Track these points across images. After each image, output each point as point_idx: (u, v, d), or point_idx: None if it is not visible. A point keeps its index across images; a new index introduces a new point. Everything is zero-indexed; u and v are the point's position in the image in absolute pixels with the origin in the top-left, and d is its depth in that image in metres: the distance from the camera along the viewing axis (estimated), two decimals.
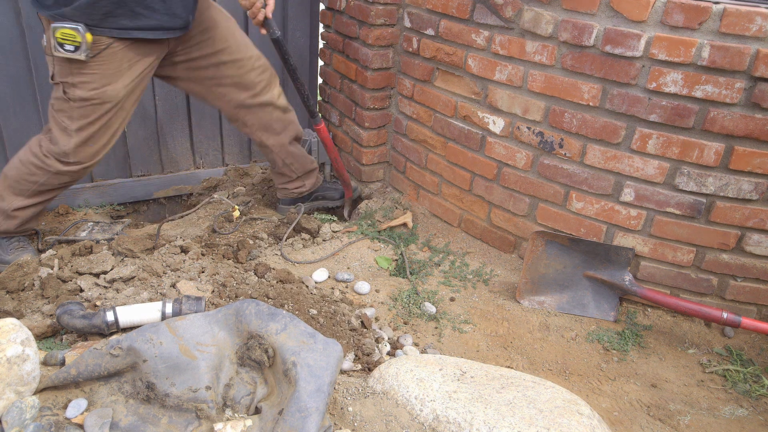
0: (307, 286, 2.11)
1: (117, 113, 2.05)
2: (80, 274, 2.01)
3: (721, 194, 1.95)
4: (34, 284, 1.98)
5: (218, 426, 1.25)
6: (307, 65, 3.17)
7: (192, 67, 2.22)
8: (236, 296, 1.94)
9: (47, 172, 2.08)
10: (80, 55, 1.85)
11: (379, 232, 2.63)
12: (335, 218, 2.75)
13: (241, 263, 2.26)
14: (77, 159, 2.06)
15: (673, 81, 1.87)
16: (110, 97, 1.98)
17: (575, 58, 2.03)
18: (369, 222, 2.70)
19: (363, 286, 2.20)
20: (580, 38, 1.99)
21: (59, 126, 2.01)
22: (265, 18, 2.12)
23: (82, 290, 1.93)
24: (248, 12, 2.11)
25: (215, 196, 2.75)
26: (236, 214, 2.57)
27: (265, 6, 2.08)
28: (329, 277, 2.28)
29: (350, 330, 1.90)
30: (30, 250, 2.22)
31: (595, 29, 1.96)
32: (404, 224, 2.67)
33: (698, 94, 1.86)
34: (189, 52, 2.18)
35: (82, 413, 1.28)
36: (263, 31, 2.15)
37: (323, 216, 2.73)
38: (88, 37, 1.84)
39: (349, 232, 2.60)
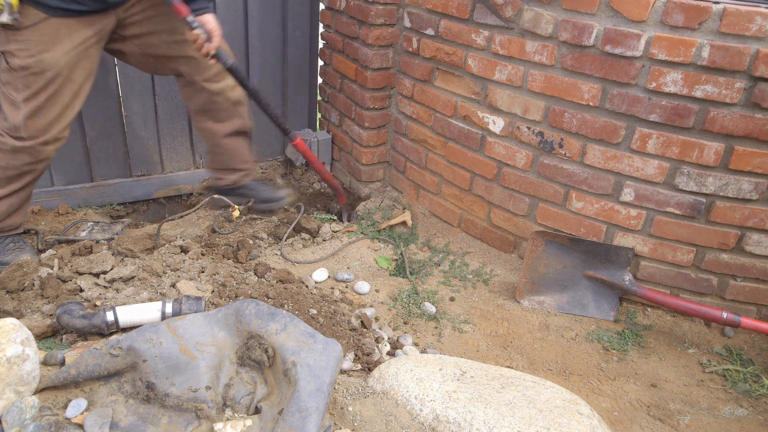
0: (306, 286, 2.11)
1: (64, 84, 2.00)
2: (80, 273, 2.01)
3: (721, 194, 1.95)
4: (33, 284, 1.98)
5: (218, 426, 1.25)
6: (306, 65, 3.17)
7: (144, 43, 2.17)
8: (236, 296, 1.94)
9: (4, 151, 2.04)
10: (7, 19, 1.81)
11: (378, 231, 2.63)
12: (335, 218, 2.75)
13: (241, 263, 2.26)
14: (29, 133, 2.02)
15: (673, 81, 1.87)
16: (48, 65, 1.93)
17: (575, 58, 2.03)
18: (369, 222, 2.70)
19: (363, 286, 2.20)
20: (580, 38, 1.99)
21: (8, 100, 1.99)
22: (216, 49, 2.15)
23: (81, 290, 1.93)
24: (194, 45, 2.11)
25: (215, 195, 2.75)
26: (236, 214, 2.56)
27: (209, 40, 2.08)
28: (329, 276, 2.28)
29: (350, 330, 1.90)
30: (28, 250, 2.22)
31: (595, 29, 1.96)
32: (404, 223, 2.67)
33: (698, 94, 1.86)
34: (140, 26, 2.12)
35: (81, 413, 1.28)
36: (212, 62, 2.16)
37: (323, 216, 2.73)
38: (13, 0, 1.80)
39: (349, 231, 2.60)
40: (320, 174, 2.67)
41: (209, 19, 2.09)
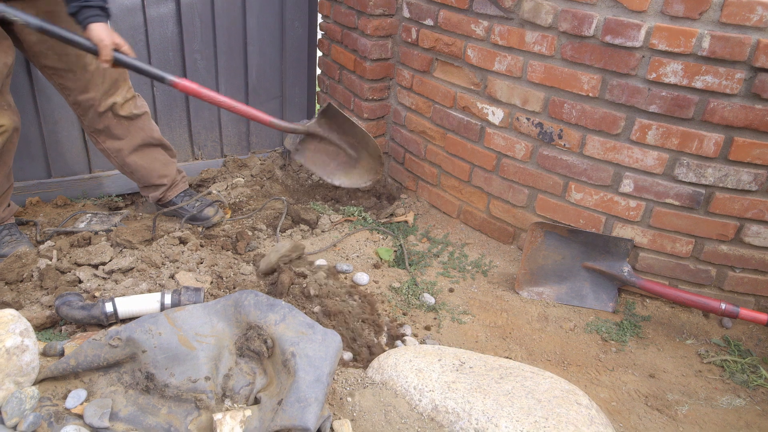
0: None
1: None
2: (79, 265, 2.01)
3: (721, 185, 1.95)
4: (32, 275, 1.98)
5: (217, 416, 1.25)
6: (305, 56, 3.16)
7: (36, 51, 2.03)
8: (234, 287, 1.94)
9: None
10: None
11: (378, 223, 2.63)
12: (332, 210, 2.74)
13: (240, 254, 2.26)
14: None
15: (673, 71, 1.87)
16: None
17: (575, 48, 2.02)
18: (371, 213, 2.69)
19: (362, 277, 2.20)
20: (580, 28, 1.98)
21: None
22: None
23: (80, 281, 1.93)
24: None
25: (213, 190, 2.74)
26: (227, 215, 2.56)
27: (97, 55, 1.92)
28: None
29: None
30: (25, 242, 2.21)
31: (595, 19, 1.95)
32: (405, 222, 2.67)
33: (698, 84, 1.85)
34: (28, 34, 1.98)
35: (81, 403, 1.29)
36: (114, 68, 2.02)
37: (319, 206, 2.72)
38: None
39: (348, 221, 2.59)
40: (230, 109, 2.22)
41: (97, 30, 1.86)
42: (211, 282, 1.97)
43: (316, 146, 2.56)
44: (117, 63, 1.95)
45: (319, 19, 3.12)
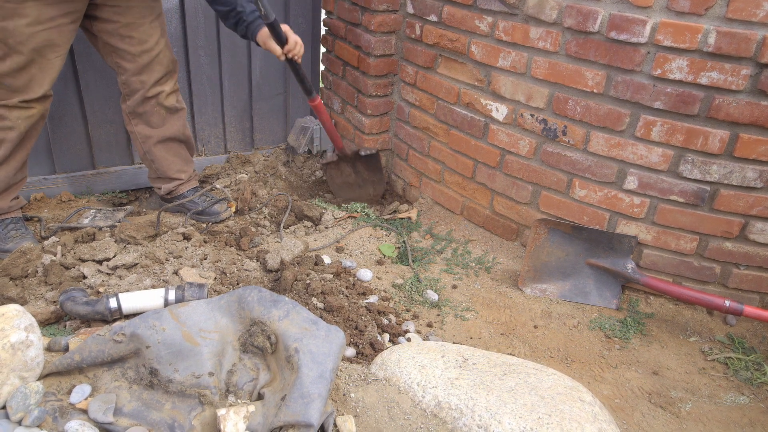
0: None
1: (32, 57, 1.96)
2: (83, 261, 2.01)
3: (726, 182, 1.94)
4: (37, 271, 1.98)
5: (221, 411, 1.25)
6: (309, 52, 3.15)
7: (101, 28, 2.15)
8: (238, 283, 1.94)
9: None
10: None
11: (381, 220, 2.63)
12: (335, 207, 2.74)
13: (244, 250, 2.26)
14: None
15: (678, 68, 1.86)
16: (11, 33, 1.89)
17: (579, 44, 2.01)
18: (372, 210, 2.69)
19: (365, 274, 2.20)
20: (584, 24, 1.98)
21: None
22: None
23: (85, 277, 1.94)
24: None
25: (218, 186, 2.75)
26: (233, 209, 2.57)
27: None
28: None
29: None
30: (29, 237, 2.22)
31: (600, 15, 1.94)
32: (408, 218, 2.67)
33: (703, 80, 1.84)
34: (103, 11, 2.10)
35: (86, 398, 1.29)
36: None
37: (322, 202, 2.72)
38: None
39: (352, 217, 2.59)
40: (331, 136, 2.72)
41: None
42: (215, 278, 1.98)
43: (342, 168, 2.89)
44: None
45: (323, 15, 3.11)
